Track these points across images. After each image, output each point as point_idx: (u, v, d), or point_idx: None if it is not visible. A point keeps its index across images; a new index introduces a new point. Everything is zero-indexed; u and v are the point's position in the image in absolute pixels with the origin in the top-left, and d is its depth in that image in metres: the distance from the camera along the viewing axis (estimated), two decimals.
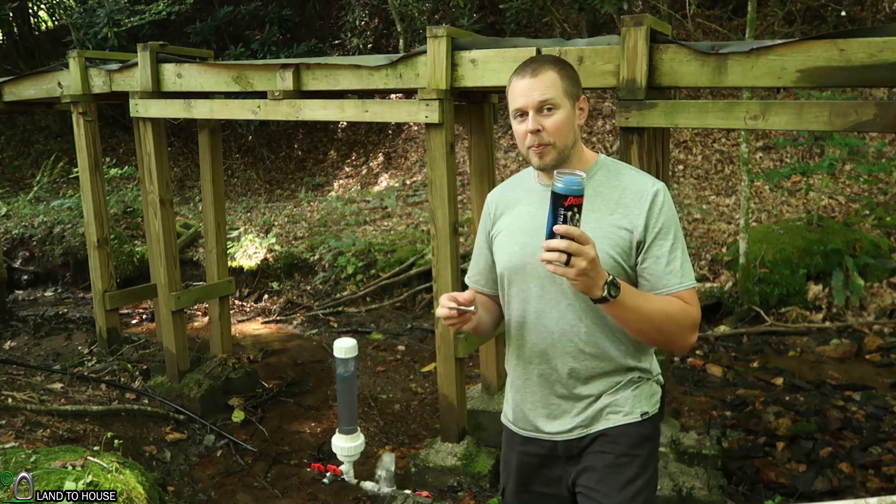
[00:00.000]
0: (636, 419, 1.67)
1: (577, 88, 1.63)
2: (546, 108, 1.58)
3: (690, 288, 1.61)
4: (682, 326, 1.58)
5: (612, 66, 2.76)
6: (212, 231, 4.79)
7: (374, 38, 11.01)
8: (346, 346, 2.28)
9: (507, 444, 1.85)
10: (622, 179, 1.65)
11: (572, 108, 1.62)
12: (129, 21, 8.98)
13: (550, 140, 1.60)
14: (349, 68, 3.50)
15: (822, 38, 2.39)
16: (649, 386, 1.73)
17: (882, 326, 5.30)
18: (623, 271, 1.60)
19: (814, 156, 7.49)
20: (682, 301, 1.59)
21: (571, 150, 1.64)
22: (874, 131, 5.44)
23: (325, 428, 4.34)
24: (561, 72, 1.61)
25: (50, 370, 4.57)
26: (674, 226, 1.61)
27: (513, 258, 1.70)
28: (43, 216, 8.19)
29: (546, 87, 1.58)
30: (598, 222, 1.60)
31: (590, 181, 1.63)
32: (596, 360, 1.65)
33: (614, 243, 1.59)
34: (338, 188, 10.54)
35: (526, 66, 1.62)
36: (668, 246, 1.59)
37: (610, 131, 8.97)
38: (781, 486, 3.45)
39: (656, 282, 1.59)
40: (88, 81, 4.59)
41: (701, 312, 1.63)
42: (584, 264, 1.37)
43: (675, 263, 1.59)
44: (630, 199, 1.61)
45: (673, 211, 1.63)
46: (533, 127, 1.58)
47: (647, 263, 1.60)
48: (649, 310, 1.53)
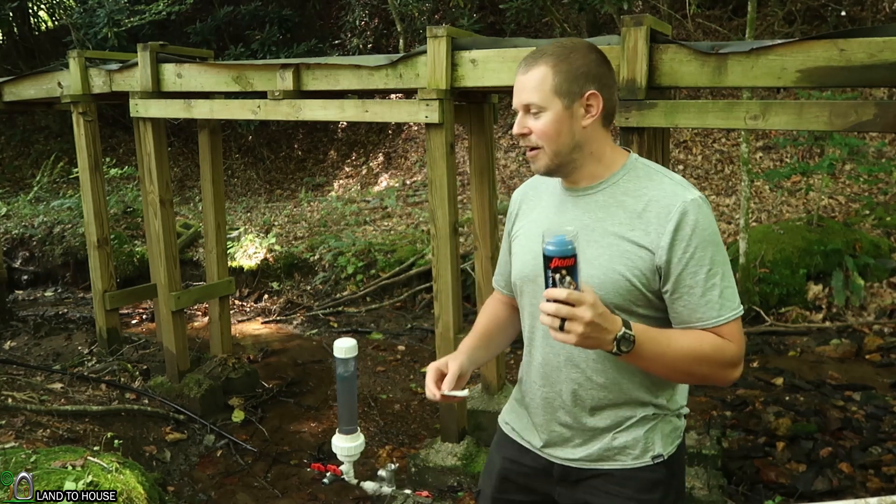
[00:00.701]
0: (647, 463, 1.49)
1: (577, 85, 1.42)
2: (532, 112, 1.44)
3: (732, 321, 1.39)
4: (717, 366, 1.39)
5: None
6: (212, 231, 4.79)
7: (374, 38, 11.01)
8: (346, 346, 2.28)
9: (496, 447, 1.73)
10: (650, 188, 1.44)
11: (566, 108, 1.42)
12: (129, 21, 8.98)
13: (539, 143, 1.45)
14: (349, 68, 3.50)
15: (822, 38, 2.39)
16: (666, 424, 1.53)
17: (882, 326, 5.30)
18: (642, 296, 1.42)
19: (814, 156, 7.49)
20: (717, 337, 1.38)
21: (573, 155, 1.46)
22: (874, 131, 5.44)
23: (325, 428, 4.34)
24: (557, 66, 1.41)
25: (50, 370, 4.57)
26: (711, 248, 1.38)
27: (525, 268, 1.55)
28: (43, 216, 8.19)
29: (532, 88, 1.43)
30: (616, 238, 1.42)
31: (612, 188, 1.47)
32: (604, 390, 1.48)
33: (632, 264, 1.40)
34: (338, 188, 10.54)
35: (526, 58, 1.47)
36: (705, 273, 1.37)
37: (610, 131, 8.96)
38: (781, 486, 3.45)
39: (689, 315, 1.40)
40: (88, 81, 4.59)
41: (742, 346, 1.42)
42: (580, 329, 1.23)
43: (713, 293, 1.38)
44: (654, 214, 1.40)
45: (711, 228, 1.39)
46: (518, 130, 1.46)
47: (678, 294, 1.39)
48: (673, 357, 1.36)
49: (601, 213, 1.47)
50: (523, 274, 1.57)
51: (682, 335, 1.40)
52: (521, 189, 1.71)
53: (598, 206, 1.48)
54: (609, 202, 1.47)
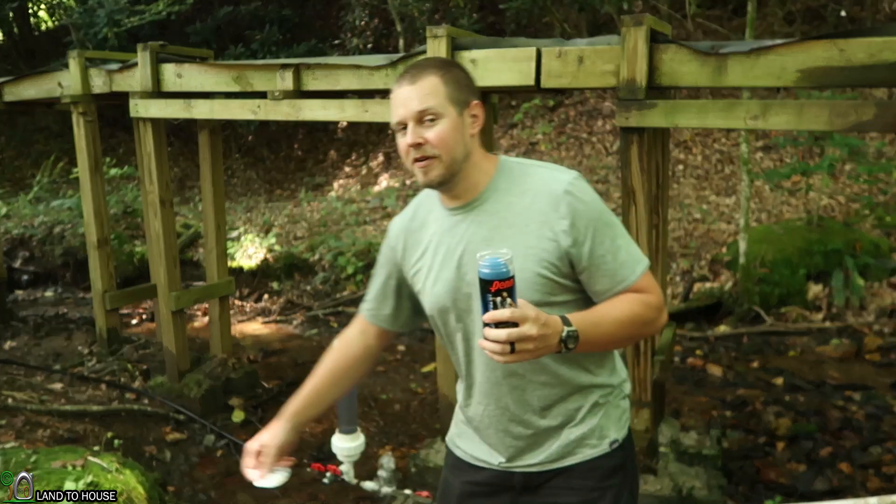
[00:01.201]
0: (605, 451, 1.53)
1: (466, 94, 1.45)
2: (427, 119, 1.41)
3: (645, 271, 1.47)
4: (649, 321, 1.46)
5: (612, 66, 2.76)
6: (212, 231, 4.79)
7: (374, 38, 11.00)
8: None
9: (451, 471, 1.70)
10: (529, 182, 1.47)
11: (459, 115, 1.43)
12: (129, 21, 8.98)
13: (435, 153, 1.42)
14: (349, 68, 3.50)
15: (822, 38, 2.39)
16: (615, 406, 1.57)
17: (882, 326, 5.30)
18: (557, 285, 1.44)
19: (814, 156, 7.49)
20: (639, 294, 1.45)
21: (463, 164, 1.45)
22: (874, 131, 5.44)
23: (325, 428, 4.34)
24: (445, 76, 1.43)
25: (50, 370, 4.57)
26: (603, 216, 1.45)
27: (438, 299, 1.53)
28: (43, 216, 8.19)
29: (425, 95, 1.41)
30: (518, 238, 1.43)
31: (494, 194, 1.48)
32: (547, 387, 1.50)
33: (539, 258, 1.42)
34: (338, 188, 10.54)
35: (406, 73, 1.45)
36: (609, 239, 1.44)
37: (610, 131, 8.96)
38: (781, 486, 3.45)
39: (611, 281, 1.44)
40: (88, 81, 4.58)
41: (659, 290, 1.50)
42: (530, 346, 1.23)
43: (622, 254, 1.44)
44: (544, 204, 1.44)
45: (596, 200, 1.46)
46: (413, 140, 1.41)
47: (595, 267, 1.44)
48: (613, 329, 1.41)
49: (495, 221, 1.47)
50: (441, 305, 1.54)
51: (612, 306, 1.44)
52: (400, 222, 1.65)
53: (488, 214, 1.48)
54: (498, 208, 1.48)
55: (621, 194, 2.94)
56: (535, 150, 9.21)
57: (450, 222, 1.52)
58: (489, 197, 1.49)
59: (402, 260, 1.62)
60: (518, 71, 2.98)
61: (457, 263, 1.50)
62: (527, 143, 9.37)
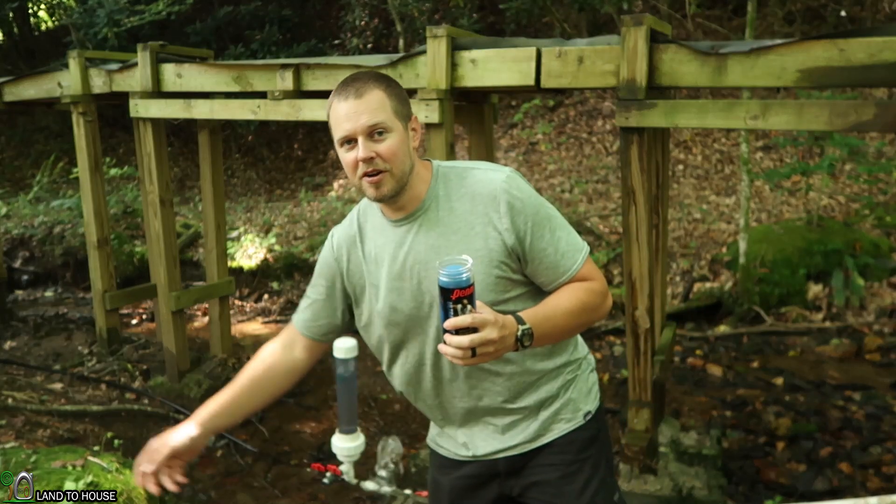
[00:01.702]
0: (580, 423, 1.59)
1: (407, 108, 1.47)
2: (377, 133, 1.41)
3: (586, 259, 1.50)
4: (596, 307, 1.50)
5: (612, 66, 2.76)
6: (212, 231, 4.79)
7: (374, 38, 11.00)
8: (346, 346, 2.28)
9: (436, 469, 1.73)
10: (467, 185, 1.49)
11: (405, 129, 1.45)
12: (129, 21, 8.98)
13: (386, 167, 1.42)
14: (349, 68, 3.50)
15: (822, 38, 2.40)
16: (584, 379, 1.63)
17: (882, 326, 5.30)
18: (509, 282, 1.48)
19: (814, 156, 7.49)
20: (583, 283, 1.49)
21: (409, 177, 1.46)
22: (874, 131, 5.44)
23: (325, 428, 4.34)
24: (388, 90, 1.44)
25: (50, 370, 4.58)
26: (542, 209, 1.48)
27: (391, 310, 1.54)
28: (43, 216, 8.19)
29: (374, 110, 1.40)
30: (465, 242, 1.45)
31: (435, 201, 1.49)
32: (516, 377, 1.53)
33: (489, 258, 1.45)
34: (338, 188, 10.54)
35: (348, 86, 1.43)
36: (548, 232, 1.47)
37: (610, 131, 8.96)
38: (781, 486, 3.45)
39: (554, 272, 1.48)
40: (88, 81, 4.58)
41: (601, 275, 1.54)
42: (491, 349, 1.26)
43: (562, 244, 1.48)
44: (484, 206, 1.46)
45: (531, 194, 1.48)
46: (365, 154, 1.40)
47: (538, 260, 1.47)
48: (564, 321, 1.44)
49: (441, 228, 1.49)
50: (392, 315, 1.54)
51: (560, 298, 1.47)
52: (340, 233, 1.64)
53: (433, 223, 1.49)
54: (441, 215, 1.49)
55: (621, 194, 2.94)
56: (535, 150, 9.21)
57: (394, 234, 1.53)
58: (430, 205, 1.50)
59: (345, 272, 1.61)
60: (518, 71, 2.98)
61: (408, 274, 1.50)
62: (527, 143, 9.37)
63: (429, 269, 1.48)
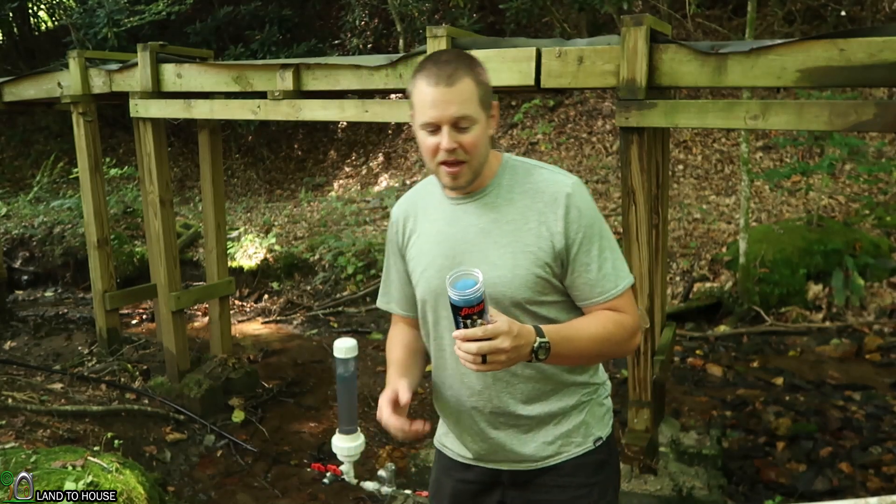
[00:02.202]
0: (590, 448, 1.57)
1: (490, 95, 1.46)
2: (463, 125, 1.40)
3: (627, 288, 1.48)
4: (621, 342, 1.47)
5: (612, 66, 2.76)
6: (212, 231, 4.79)
7: (374, 38, 11.00)
8: (346, 346, 2.28)
9: (440, 469, 1.72)
10: (532, 181, 1.49)
11: (487, 119, 1.45)
12: (129, 21, 8.98)
13: (467, 158, 1.42)
14: (349, 68, 3.50)
15: (822, 38, 2.39)
16: (599, 405, 1.60)
17: (882, 326, 5.30)
18: (549, 285, 1.47)
19: (814, 156, 7.49)
20: (615, 314, 1.46)
21: (483, 165, 1.48)
22: (874, 131, 5.44)
23: (325, 428, 4.34)
24: (477, 79, 1.42)
25: (50, 370, 4.57)
26: (597, 225, 1.47)
27: (430, 283, 1.54)
28: (43, 216, 8.19)
29: (463, 101, 1.39)
30: (515, 234, 1.46)
31: (497, 189, 1.50)
32: (533, 381, 1.52)
33: (534, 257, 1.44)
34: (338, 188, 10.54)
35: (440, 69, 1.40)
36: (597, 249, 1.46)
37: (610, 131, 8.96)
38: (781, 486, 3.45)
39: (591, 291, 1.46)
40: (88, 81, 4.58)
41: (637, 313, 1.53)
42: (502, 357, 1.27)
43: (607, 266, 1.46)
44: (544, 204, 1.46)
45: (593, 208, 1.48)
46: (449, 145, 1.40)
47: (577, 273, 1.46)
48: (586, 345, 1.43)
49: (494, 214, 1.49)
50: (431, 289, 1.54)
51: (587, 322, 1.46)
52: (402, 205, 1.66)
53: (489, 208, 1.50)
54: (499, 202, 1.49)
55: (621, 194, 2.94)
56: (535, 150, 9.21)
57: (450, 210, 1.54)
58: (491, 191, 1.51)
59: (403, 243, 1.63)
60: (518, 71, 2.98)
61: (452, 251, 1.51)
62: (527, 143, 9.37)
63: (473, 251, 1.48)
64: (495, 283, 1.44)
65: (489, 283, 1.40)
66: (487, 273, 1.42)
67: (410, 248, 1.61)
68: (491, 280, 1.43)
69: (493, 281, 1.44)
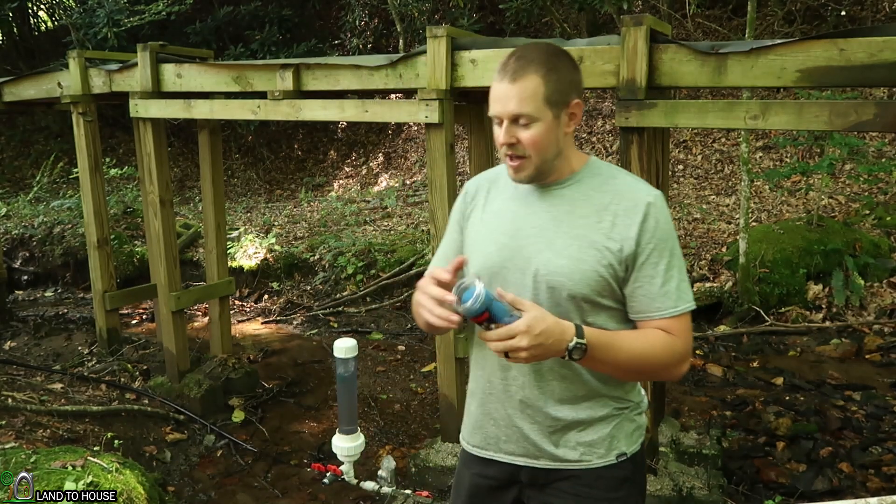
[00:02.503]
0: (611, 462, 1.53)
1: (565, 94, 1.43)
2: (521, 122, 1.41)
3: (685, 312, 1.45)
4: (666, 365, 1.45)
5: (611, 66, 2.76)
6: (212, 231, 4.79)
7: (373, 38, 11.00)
8: (346, 346, 2.29)
9: (462, 463, 1.72)
10: (615, 184, 1.49)
11: (555, 118, 1.43)
12: (128, 21, 8.98)
13: (527, 153, 1.43)
14: (349, 68, 3.50)
15: (822, 38, 2.39)
16: (629, 422, 1.56)
17: (882, 326, 5.30)
18: (609, 286, 1.44)
19: (814, 155, 7.49)
20: (666, 335, 1.43)
21: (553, 163, 1.47)
22: (874, 131, 5.44)
23: (325, 428, 4.34)
24: (546, 76, 1.40)
25: (50, 370, 4.57)
26: (670, 241, 1.45)
27: (489, 259, 1.52)
28: (43, 216, 8.19)
29: (523, 99, 1.39)
30: (586, 229, 1.45)
31: (577, 184, 1.50)
32: (566, 381, 1.49)
33: (600, 255, 1.43)
34: (338, 188, 10.54)
35: (507, 67, 1.42)
36: (665, 264, 1.43)
37: (610, 131, 8.96)
38: (781, 486, 3.45)
39: (648, 304, 1.44)
40: (88, 81, 4.59)
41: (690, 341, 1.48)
42: (524, 354, 1.29)
43: (671, 284, 1.43)
44: (621, 208, 1.45)
45: (670, 224, 1.47)
46: (506, 140, 1.43)
47: (639, 283, 1.44)
48: (626, 359, 1.41)
49: (568, 207, 1.49)
50: (487, 265, 1.52)
51: (634, 337, 1.44)
52: (476, 179, 1.66)
53: (564, 200, 1.50)
54: (576, 196, 1.49)
55: None
56: None
57: (525, 193, 1.54)
58: (571, 185, 1.51)
59: (469, 211, 1.63)
60: None
61: (516, 231, 1.50)
62: None
63: (539, 236, 1.48)
64: (555, 272, 1.44)
65: (550, 271, 1.43)
66: (550, 261, 1.44)
67: (472, 218, 1.61)
68: (552, 269, 1.44)
69: (554, 270, 1.44)
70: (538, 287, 1.46)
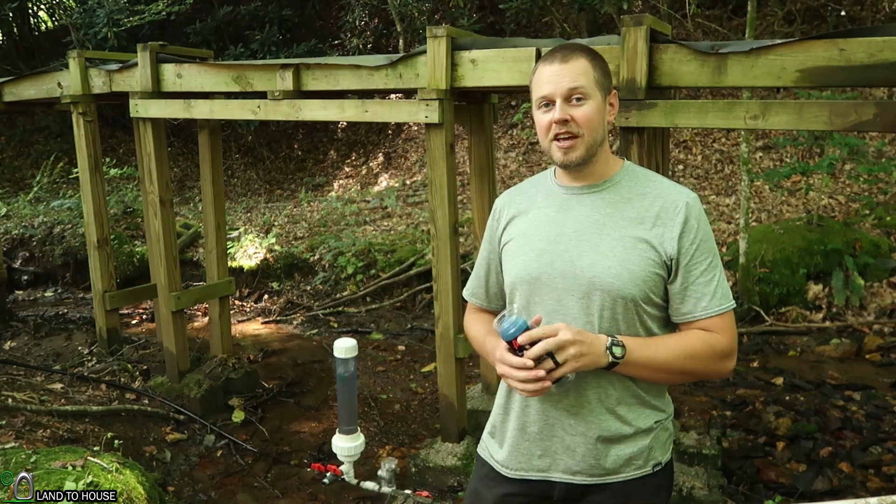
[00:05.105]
0: (648, 472, 1.52)
1: (609, 81, 1.50)
2: (575, 98, 1.43)
3: (729, 311, 1.46)
4: (709, 362, 1.45)
5: (611, 66, 2.74)
6: (212, 231, 4.79)
7: (373, 38, 11.00)
8: (346, 346, 2.28)
9: (479, 479, 1.65)
10: (653, 186, 1.51)
11: (603, 101, 1.48)
12: (128, 21, 8.98)
13: (580, 132, 1.44)
14: (349, 68, 3.50)
15: (822, 38, 2.39)
16: (664, 429, 1.56)
17: (882, 326, 5.30)
18: (656, 288, 1.46)
19: (814, 155, 7.49)
20: (707, 333, 1.45)
21: (599, 148, 1.48)
22: (874, 131, 5.44)
23: (325, 428, 4.34)
24: (593, 61, 1.47)
25: (50, 370, 4.57)
26: (711, 242, 1.47)
27: (528, 266, 1.51)
28: (43, 216, 8.19)
29: (577, 75, 1.43)
30: (629, 230, 1.46)
31: (615, 187, 1.51)
32: (610, 387, 1.48)
33: (646, 255, 1.44)
34: (338, 188, 10.54)
35: (555, 53, 1.47)
36: (707, 264, 1.45)
37: (610, 131, 8.94)
38: (781, 485, 3.45)
39: (695, 304, 1.45)
40: (88, 81, 4.59)
41: (735, 338, 1.48)
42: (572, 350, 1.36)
43: (713, 284, 1.45)
44: (662, 210, 1.46)
45: (708, 226, 1.48)
46: (560, 116, 1.43)
47: (685, 283, 1.45)
48: (664, 358, 1.43)
49: (609, 209, 1.49)
50: (526, 273, 1.51)
51: (670, 337, 1.48)
52: (506, 196, 1.67)
53: (605, 202, 1.50)
54: (616, 199, 1.50)
55: None
56: (535, 149, 9.21)
57: (562, 199, 1.54)
58: (609, 187, 1.52)
59: (501, 231, 1.63)
60: (518, 71, 2.98)
61: (558, 238, 1.50)
62: (527, 143, 9.37)
63: (582, 240, 1.48)
64: (603, 273, 1.43)
65: (596, 273, 1.44)
66: (596, 263, 1.44)
67: (508, 231, 1.61)
68: (598, 271, 1.44)
69: (602, 272, 1.44)
70: (586, 290, 1.45)
